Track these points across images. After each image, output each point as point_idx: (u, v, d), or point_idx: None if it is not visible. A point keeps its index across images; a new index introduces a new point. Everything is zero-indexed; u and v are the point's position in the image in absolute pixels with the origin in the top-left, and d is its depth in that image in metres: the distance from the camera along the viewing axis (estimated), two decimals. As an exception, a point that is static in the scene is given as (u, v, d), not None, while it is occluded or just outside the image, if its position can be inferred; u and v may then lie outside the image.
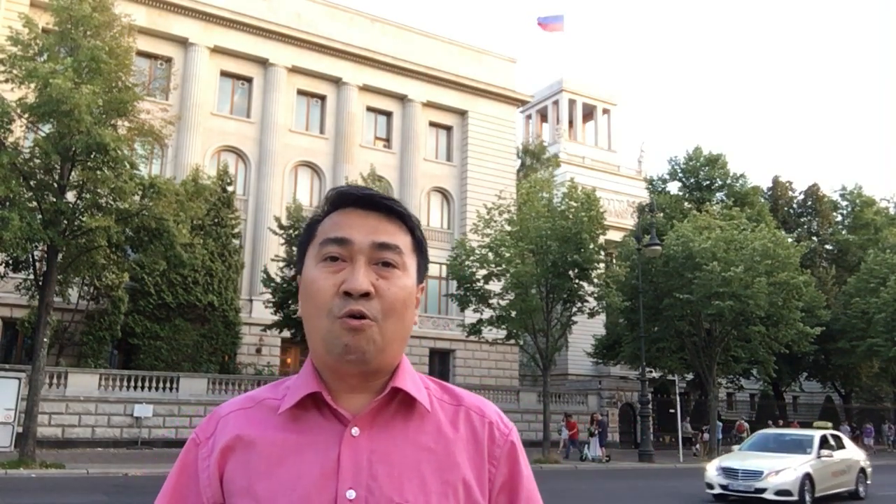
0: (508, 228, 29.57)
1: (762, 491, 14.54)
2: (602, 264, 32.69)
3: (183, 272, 26.19)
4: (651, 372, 34.80)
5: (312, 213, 1.38)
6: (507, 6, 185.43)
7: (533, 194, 30.59)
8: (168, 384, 26.48)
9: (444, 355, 37.47)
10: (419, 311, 1.35)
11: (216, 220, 29.56)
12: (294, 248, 27.77)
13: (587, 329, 39.80)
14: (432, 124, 40.65)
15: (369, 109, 38.98)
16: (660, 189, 44.24)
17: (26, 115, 19.15)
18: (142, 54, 30.90)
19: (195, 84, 33.77)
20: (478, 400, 1.35)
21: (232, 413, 1.30)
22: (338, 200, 1.31)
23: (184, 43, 34.13)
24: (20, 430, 19.19)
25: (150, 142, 22.80)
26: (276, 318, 28.41)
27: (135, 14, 25.60)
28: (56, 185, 19.55)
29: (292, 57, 36.37)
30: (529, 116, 62.76)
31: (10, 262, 21.11)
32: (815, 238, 50.13)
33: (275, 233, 29.23)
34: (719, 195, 43.13)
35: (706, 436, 33.92)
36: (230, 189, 31.41)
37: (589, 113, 60.64)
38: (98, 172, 19.13)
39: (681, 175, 43.97)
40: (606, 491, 18.66)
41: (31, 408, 19.12)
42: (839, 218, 51.91)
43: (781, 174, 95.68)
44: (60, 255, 20.11)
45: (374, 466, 1.20)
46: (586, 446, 28.87)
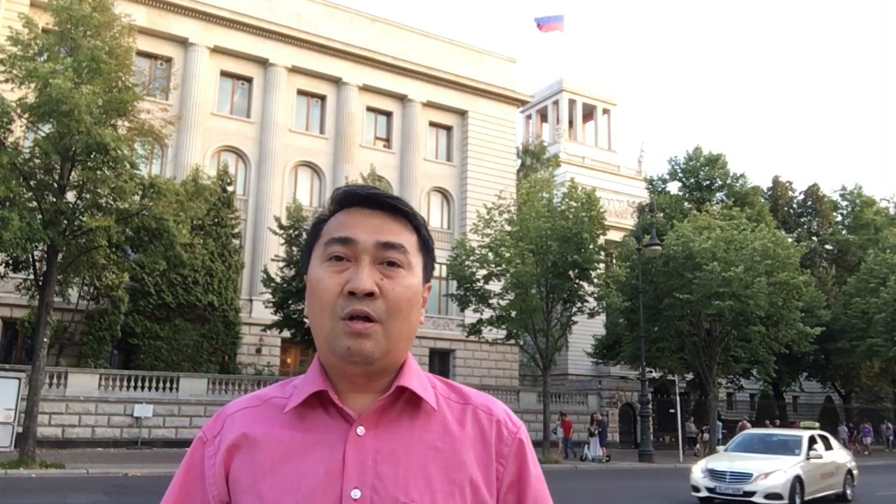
0: (508, 228, 29.58)
1: (751, 494, 13.96)
2: (602, 264, 32.70)
3: (183, 272, 26.18)
4: (651, 372, 34.79)
5: (318, 213, 1.38)
6: (507, 6, 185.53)
7: (533, 194, 30.60)
8: (168, 384, 26.48)
9: (444, 355, 37.46)
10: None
11: (216, 220, 29.56)
12: (294, 248, 27.93)
13: (587, 329, 39.79)
14: (432, 124, 40.65)
15: (369, 109, 38.98)
16: (660, 189, 44.21)
17: (26, 115, 19.13)
18: (142, 54, 30.90)
19: (195, 84, 33.77)
20: (485, 398, 1.34)
21: (239, 412, 1.30)
22: (343, 200, 1.31)
23: (184, 43, 34.13)
24: (20, 430, 19.18)
25: (150, 142, 22.79)
26: (276, 318, 28.40)
27: (135, 14, 25.60)
28: (56, 185, 19.54)
29: (292, 57, 36.37)
30: (529, 116, 62.76)
31: (10, 262, 21.11)
32: (815, 238, 50.11)
33: (275, 233, 29.23)
34: (719, 195, 43.10)
35: (706, 436, 33.92)
36: (230, 189, 31.40)
37: (589, 113, 60.64)
38: (98, 172, 19.13)
39: (681, 175, 43.94)
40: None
41: (31, 408, 19.12)
42: (839, 218, 51.90)
43: (781, 174, 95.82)
44: (60, 255, 20.10)
45: (380, 466, 1.20)
46: (587, 446, 28.88)
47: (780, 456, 14.97)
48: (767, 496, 13.88)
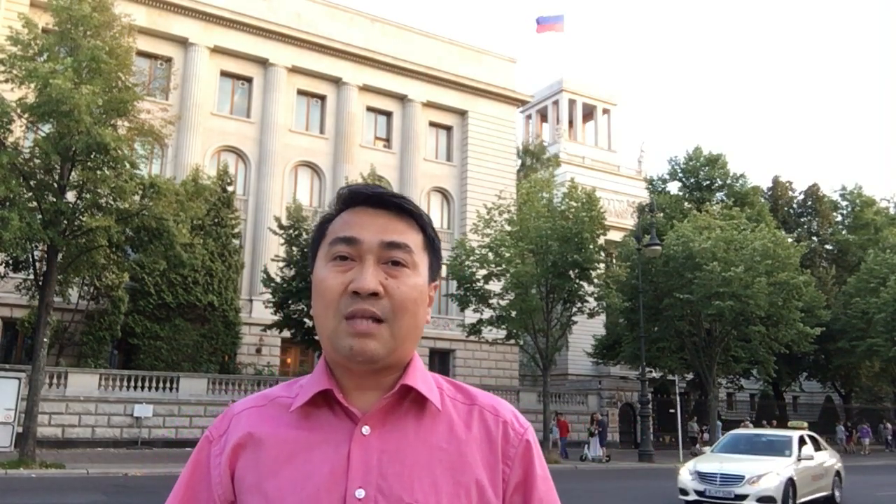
0: (508, 228, 29.59)
1: (743, 498, 13.22)
2: (602, 264, 32.71)
3: (183, 272, 26.17)
4: (651, 372, 34.78)
5: (322, 212, 1.37)
6: (507, 6, 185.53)
7: (533, 194, 30.60)
8: (168, 384, 26.47)
9: (444, 355, 37.46)
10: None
11: (216, 220, 29.56)
12: (294, 248, 27.92)
13: (587, 329, 39.79)
14: (432, 124, 40.65)
15: (369, 109, 38.98)
16: (660, 189, 44.20)
17: (26, 115, 19.12)
18: (142, 54, 30.89)
19: (195, 84, 33.77)
20: (492, 399, 1.34)
21: (245, 411, 1.30)
22: (348, 199, 1.31)
23: (184, 43, 34.14)
24: (20, 430, 19.17)
25: (150, 142, 22.77)
26: (276, 318, 28.40)
27: (135, 14, 25.59)
28: (56, 185, 19.53)
29: (292, 57, 36.37)
30: (529, 116, 62.77)
31: (10, 262, 21.11)
32: (815, 238, 50.10)
33: (275, 233, 29.23)
34: (719, 195, 43.08)
35: (706, 436, 33.92)
36: (230, 189, 31.41)
37: (589, 113, 60.66)
38: (98, 172, 19.12)
39: (681, 175, 43.92)
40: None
41: (31, 408, 19.11)
42: (839, 218, 51.87)
43: (781, 174, 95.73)
44: (60, 255, 20.09)
45: (385, 466, 1.19)
46: (586, 446, 28.87)
47: (770, 457, 14.35)
48: (760, 500, 13.24)
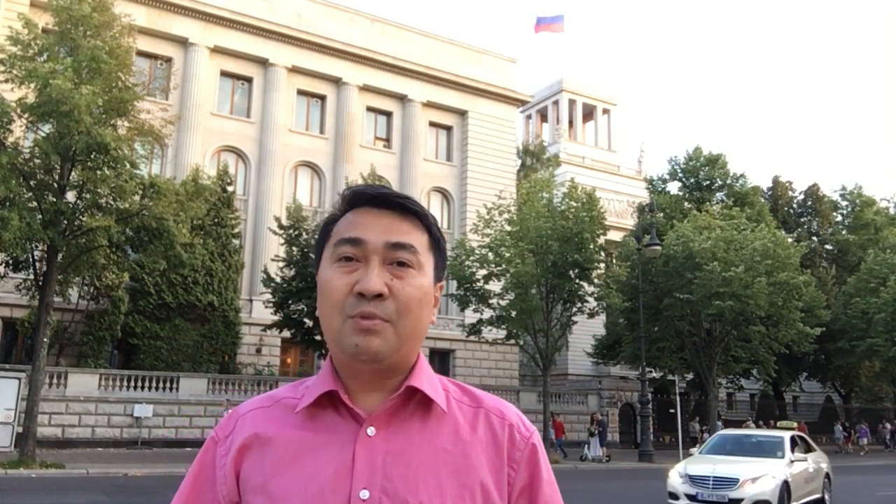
0: (508, 228, 29.60)
1: (738, 502, 12.64)
2: (602, 264, 32.70)
3: (183, 272, 26.18)
4: (651, 372, 34.78)
5: (325, 212, 1.38)
6: (507, 6, 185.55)
7: (533, 194, 30.60)
8: (168, 384, 26.48)
9: (444, 355, 37.46)
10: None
11: (216, 220, 29.57)
12: (294, 248, 27.92)
13: (587, 329, 39.78)
14: (432, 124, 40.66)
15: (369, 109, 38.99)
16: (660, 189, 44.20)
17: (26, 115, 19.13)
18: (142, 54, 30.90)
19: (195, 84, 33.78)
20: (498, 402, 1.33)
21: (250, 412, 1.30)
22: (353, 200, 1.30)
23: (184, 43, 34.14)
24: (20, 430, 19.18)
25: (150, 142, 22.79)
26: (276, 318, 28.39)
27: (135, 14, 25.59)
28: (56, 185, 19.54)
29: (292, 57, 36.38)
30: (529, 116, 62.76)
31: (10, 262, 21.12)
32: (815, 238, 50.09)
33: (275, 233, 29.23)
34: (719, 195, 43.09)
35: (707, 436, 33.91)
36: (230, 189, 31.42)
37: (589, 113, 60.65)
38: (98, 172, 19.13)
39: (681, 175, 43.93)
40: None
41: (31, 408, 19.11)
42: (839, 218, 51.86)
43: (781, 174, 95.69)
44: (60, 255, 20.10)
45: (389, 467, 1.19)
46: (586, 446, 28.88)
47: (762, 459, 13.72)
48: (755, 503, 12.58)
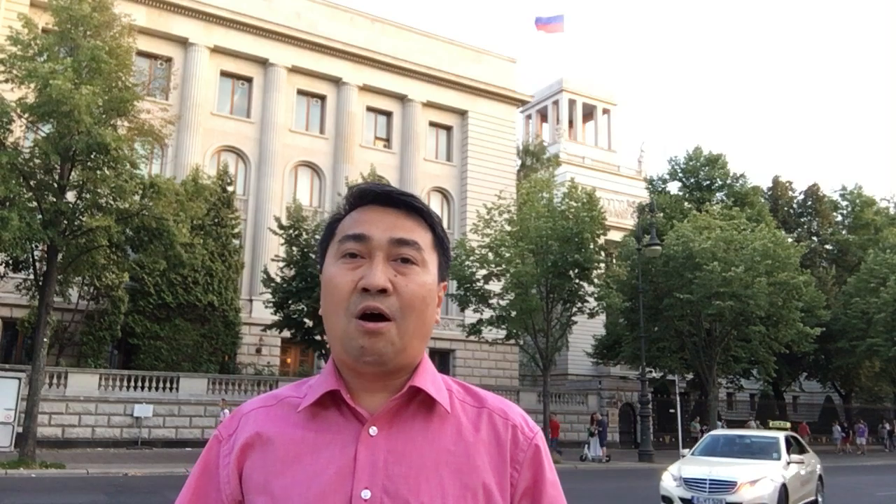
0: (508, 228, 29.60)
1: None
2: (602, 264, 32.70)
3: (183, 272, 26.17)
4: (651, 372, 34.77)
5: (328, 212, 1.37)
6: (507, 6, 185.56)
7: (533, 194, 30.59)
8: (168, 384, 26.49)
9: (444, 355, 37.46)
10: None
11: (216, 220, 29.56)
12: (294, 248, 27.91)
13: (587, 329, 39.77)
14: (432, 124, 40.66)
15: (369, 109, 38.99)
16: (660, 189, 44.19)
17: (26, 115, 19.13)
18: (142, 54, 30.90)
19: (195, 84, 33.78)
20: (502, 402, 1.33)
21: (253, 411, 1.30)
22: (357, 197, 1.30)
23: (184, 43, 34.14)
24: (20, 430, 19.18)
25: (150, 142, 22.76)
26: (276, 318, 28.39)
27: (135, 14, 25.62)
28: (56, 185, 19.54)
29: (292, 57, 36.38)
30: (529, 116, 62.76)
31: (10, 262, 21.12)
32: (815, 238, 50.06)
33: (275, 233, 29.22)
34: (719, 195, 43.07)
35: (706, 436, 33.90)
36: (230, 189, 31.43)
37: (589, 113, 60.64)
38: (98, 172, 19.13)
39: (681, 175, 43.92)
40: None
41: (31, 408, 19.11)
42: (839, 218, 51.83)
43: (781, 174, 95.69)
44: (60, 255, 20.10)
45: (391, 467, 1.19)
46: (586, 446, 28.88)
47: (758, 460, 13.18)
48: None
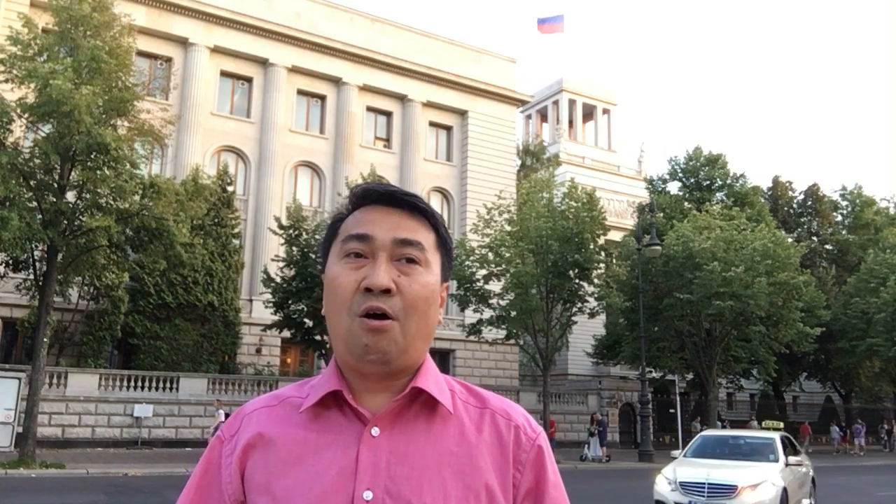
0: (508, 228, 29.61)
1: None
2: (602, 265, 32.70)
3: (183, 272, 26.17)
4: (651, 372, 34.77)
5: (330, 212, 1.37)
6: (507, 6, 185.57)
7: (533, 194, 30.61)
8: (168, 384, 26.49)
9: (444, 355, 37.45)
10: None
11: (216, 220, 29.56)
12: (294, 248, 27.91)
13: (587, 329, 39.77)
14: (432, 124, 40.66)
15: (369, 109, 38.99)
16: (660, 189, 44.19)
17: (26, 115, 19.13)
18: (142, 54, 30.90)
19: (195, 84, 33.77)
20: (504, 403, 1.33)
21: (255, 411, 1.30)
22: (361, 197, 1.30)
23: (184, 43, 34.14)
24: (20, 430, 19.19)
25: (150, 142, 22.76)
26: (276, 318, 28.38)
27: (135, 14, 25.61)
28: (56, 185, 19.53)
29: (292, 57, 36.38)
30: (529, 116, 62.75)
31: (10, 262, 21.12)
32: (815, 238, 50.05)
33: (275, 233, 29.22)
34: (719, 195, 43.06)
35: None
36: (230, 189, 31.42)
37: (589, 113, 60.64)
38: (98, 172, 19.13)
39: (681, 175, 43.92)
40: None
41: (31, 408, 19.11)
42: (839, 218, 51.82)
43: (781, 174, 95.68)
44: (60, 255, 20.10)
45: (393, 468, 1.18)
46: (586, 446, 28.87)
47: (756, 462, 12.56)
48: None
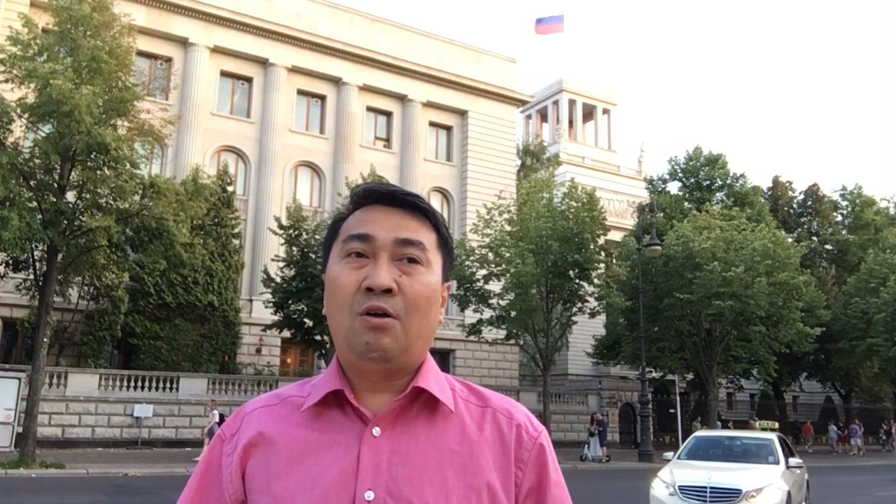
0: (508, 228, 29.62)
1: None
2: (602, 265, 32.71)
3: (183, 272, 26.18)
4: (651, 372, 34.78)
5: (332, 212, 1.37)
6: (507, 6, 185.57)
7: (533, 194, 30.63)
8: (168, 384, 26.48)
9: (444, 355, 37.44)
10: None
11: (216, 220, 29.56)
12: (294, 248, 27.91)
13: (587, 329, 39.78)
14: (432, 124, 40.66)
15: (369, 109, 38.98)
16: (660, 189, 44.20)
17: (26, 115, 19.13)
18: (142, 54, 30.89)
19: (195, 84, 33.77)
20: (506, 402, 1.32)
21: (256, 410, 1.30)
22: (362, 197, 1.30)
23: (184, 43, 34.14)
24: (20, 430, 19.19)
25: (150, 142, 22.77)
26: (276, 318, 28.38)
27: (135, 14, 25.61)
28: (56, 185, 19.53)
29: (292, 57, 36.38)
30: (529, 116, 62.75)
31: (10, 262, 21.12)
32: (815, 238, 50.04)
33: (275, 233, 29.21)
34: (719, 195, 43.08)
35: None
36: (230, 189, 31.42)
37: (589, 113, 60.64)
38: (98, 172, 19.13)
39: (681, 175, 43.93)
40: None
41: (31, 408, 19.11)
42: (839, 218, 51.81)
43: (781, 174, 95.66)
44: (60, 255, 20.10)
45: (395, 467, 1.18)
46: (586, 446, 28.87)
47: (757, 465, 11.92)
48: None
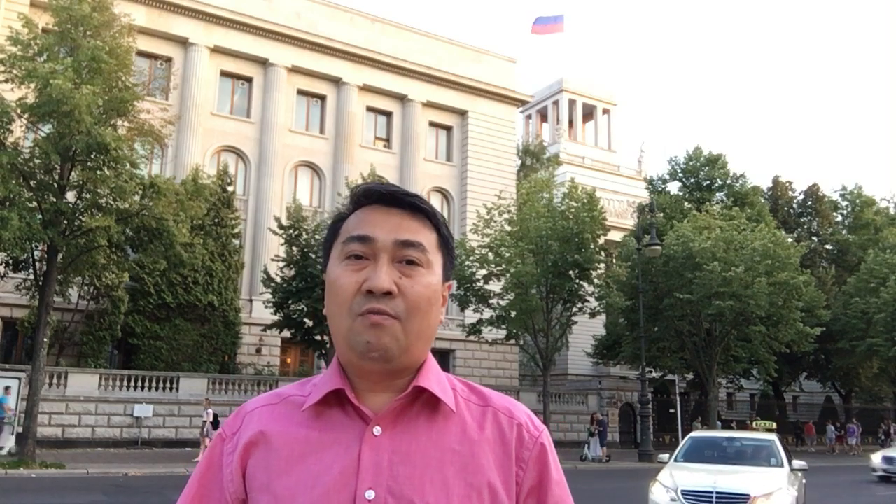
0: (508, 228, 29.62)
1: None
2: (602, 265, 32.71)
3: (183, 272, 26.18)
4: (651, 372, 34.77)
5: (332, 212, 1.37)
6: (507, 6, 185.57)
7: (533, 194, 30.64)
8: (168, 384, 26.49)
9: (444, 355, 37.44)
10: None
11: (216, 220, 29.55)
12: (294, 248, 27.91)
13: (587, 329, 39.78)
14: (432, 124, 40.66)
15: (369, 109, 38.98)
16: (660, 189, 44.20)
17: (26, 115, 19.14)
18: (142, 54, 30.89)
19: (195, 84, 33.77)
20: (507, 401, 1.33)
21: (257, 409, 1.30)
22: (362, 197, 1.29)
23: (184, 43, 34.14)
24: (20, 430, 19.20)
25: (150, 142, 22.78)
26: (276, 318, 28.38)
27: (135, 14, 25.62)
28: (56, 185, 19.54)
29: (292, 57, 36.38)
30: (529, 116, 62.75)
31: (10, 262, 21.12)
32: (815, 238, 50.05)
33: (275, 233, 29.21)
34: (719, 195, 43.07)
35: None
36: (230, 189, 31.42)
37: (589, 113, 60.64)
38: (98, 172, 19.13)
39: (681, 175, 43.92)
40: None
41: (31, 408, 19.11)
42: (839, 218, 51.81)
43: (781, 174, 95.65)
44: (60, 255, 20.10)
45: (395, 467, 1.18)
46: (586, 446, 28.88)
47: (760, 468, 11.39)
48: None
